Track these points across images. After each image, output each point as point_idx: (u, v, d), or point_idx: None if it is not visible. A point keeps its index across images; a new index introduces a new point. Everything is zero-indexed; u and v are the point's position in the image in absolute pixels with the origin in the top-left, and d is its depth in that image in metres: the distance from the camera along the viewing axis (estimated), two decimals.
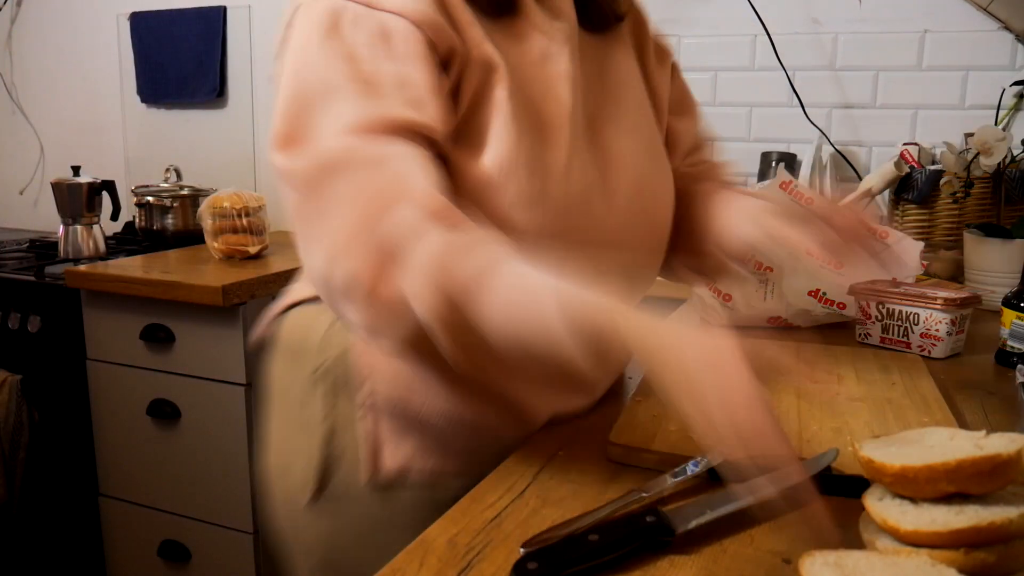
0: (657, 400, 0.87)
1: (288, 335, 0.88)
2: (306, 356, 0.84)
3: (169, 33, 2.44)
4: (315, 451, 0.82)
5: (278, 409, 0.89)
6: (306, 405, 0.84)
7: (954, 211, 1.59)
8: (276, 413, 0.90)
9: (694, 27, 1.96)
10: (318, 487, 0.82)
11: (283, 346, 0.88)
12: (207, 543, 1.83)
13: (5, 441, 1.92)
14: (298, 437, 0.85)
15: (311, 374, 0.83)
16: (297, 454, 0.84)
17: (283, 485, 0.87)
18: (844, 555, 0.51)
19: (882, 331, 1.14)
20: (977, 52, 1.74)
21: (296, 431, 0.85)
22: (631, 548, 0.59)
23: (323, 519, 0.83)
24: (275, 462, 0.89)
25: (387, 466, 0.80)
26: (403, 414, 0.80)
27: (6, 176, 2.83)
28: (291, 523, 0.87)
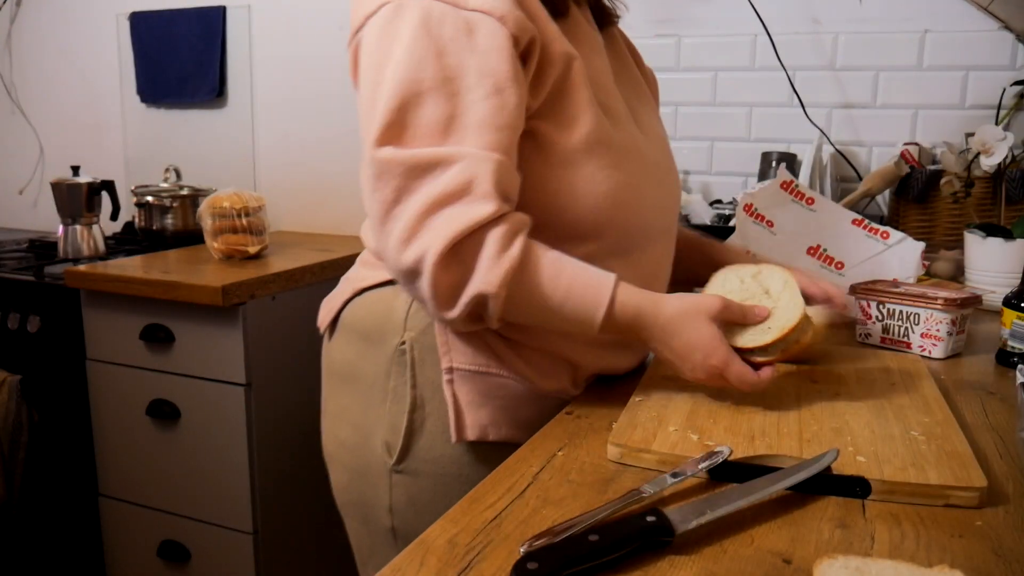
0: (657, 400, 0.87)
1: (364, 317, 0.97)
2: (388, 334, 0.94)
3: (169, 33, 2.44)
4: (402, 418, 0.92)
5: (351, 387, 0.98)
6: (391, 376, 0.93)
7: (954, 211, 1.59)
8: (348, 391, 0.98)
9: (694, 27, 1.96)
10: (404, 451, 0.92)
11: (357, 328, 0.97)
12: (207, 543, 1.83)
13: (5, 441, 1.92)
14: (379, 408, 0.94)
15: (395, 349, 0.93)
16: (378, 424, 0.94)
17: (362, 455, 0.96)
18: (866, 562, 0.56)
19: (883, 331, 1.14)
20: (977, 52, 1.74)
21: (377, 403, 0.94)
22: (631, 548, 0.59)
23: (408, 479, 0.93)
24: (350, 436, 0.98)
25: (469, 429, 0.91)
26: (479, 383, 0.91)
27: (6, 176, 2.83)
28: (372, 488, 0.96)
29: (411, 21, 0.79)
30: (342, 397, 1.00)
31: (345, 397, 0.99)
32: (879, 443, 0.76)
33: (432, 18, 0.79)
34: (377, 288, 0.97)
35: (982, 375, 1.04)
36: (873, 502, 0.68)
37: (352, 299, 0.99)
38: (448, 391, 0.91)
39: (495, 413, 0.92)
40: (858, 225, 1.31)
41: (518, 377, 0.91)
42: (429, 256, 0.77)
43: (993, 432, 0.84)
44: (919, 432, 0.78)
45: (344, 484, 1.01)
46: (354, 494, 0.99)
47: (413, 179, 0.78)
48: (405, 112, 0.79)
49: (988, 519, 0.65)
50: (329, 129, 2.31)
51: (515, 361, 0.91)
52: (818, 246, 1.27)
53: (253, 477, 1.75)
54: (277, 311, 1.79)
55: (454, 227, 0.77)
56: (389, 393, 0.94)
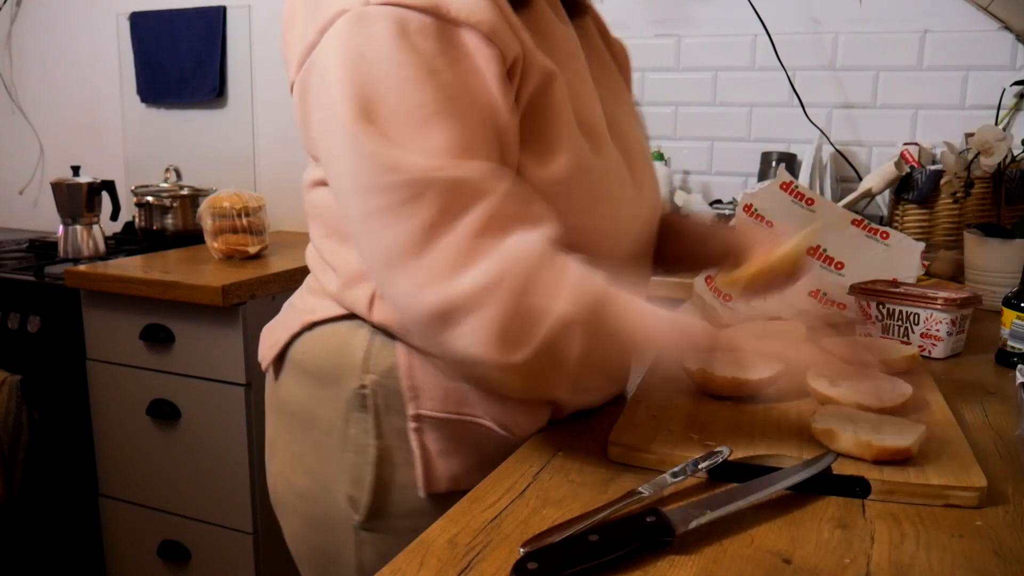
0: (657, 400, 0.87)
1: (315, 356, 0.86)
2: (345, 376, 0.83)
3: (169, 33, 2.44)
4: (367, 471, 0.82)
5: (304, 432, 0.87)
6: (351, 423, 0.83)
7: (954, 211, 1.59)
8: (301, 435, 0.88)
9: (694, 27, 1.96)
10: (372, 507, 0.83)
11: (308, 368, 0.86)
12: (207, 543, 1.83)
13: (5, 441, 1.92)
14: (338, 457, 0.84)
15: (353, 393, 0.82)
16: (339, 476, 0.84)
17: (321, 507, 0.86)
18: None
19: (882, 331, 1.14)
20: (977, 52, 1.74)
21: (336, 452, 0.84)
22: (631, 548, 0.59)
23: (378, 537, 0.84)
24: (306, 485, 0.87)
25: (440, 480, 0.82)
26: (450, 429, 0.82)
27: (6, 176, 2.83)
28: (335, 545, 0.86)
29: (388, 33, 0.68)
30: (293, 442, 0.89)
31: (296, 442, 0.88)
32: None
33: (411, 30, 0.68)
34: (330, 323, 0.85)
35: (982, 375, 1.04)
36: (873, 502, 0.68)
37: (300, 333, 0.87)
38: (416, 440, 0.81)
39: (467, 460, 0.82)
40: (858, 225, 1.31)
41: (493, 422, 0.81)
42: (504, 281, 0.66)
43: (993, 432, 0.84)
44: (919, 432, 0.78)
45: (301, 535, 0.91)
46: (313, 547, 0.90)
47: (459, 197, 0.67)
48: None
49: (988, 519, 0.65)
50: None
51: (490, 404, 0.81)
52: (818, 247, 1.27)
53: (253, 477, 1.75)
54: (277, 311, 1.79)
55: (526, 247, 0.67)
56: (349, 442, 0.83)
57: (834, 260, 1.27)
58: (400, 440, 0.82)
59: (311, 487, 0.87)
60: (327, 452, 0.85)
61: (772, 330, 1.07)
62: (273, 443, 0.94)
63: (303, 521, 0.89)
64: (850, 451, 0.72)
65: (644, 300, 0.73)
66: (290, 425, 0.89)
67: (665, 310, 0.73)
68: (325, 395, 0.84)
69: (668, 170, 1.92)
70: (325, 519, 0.86)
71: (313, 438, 0.86)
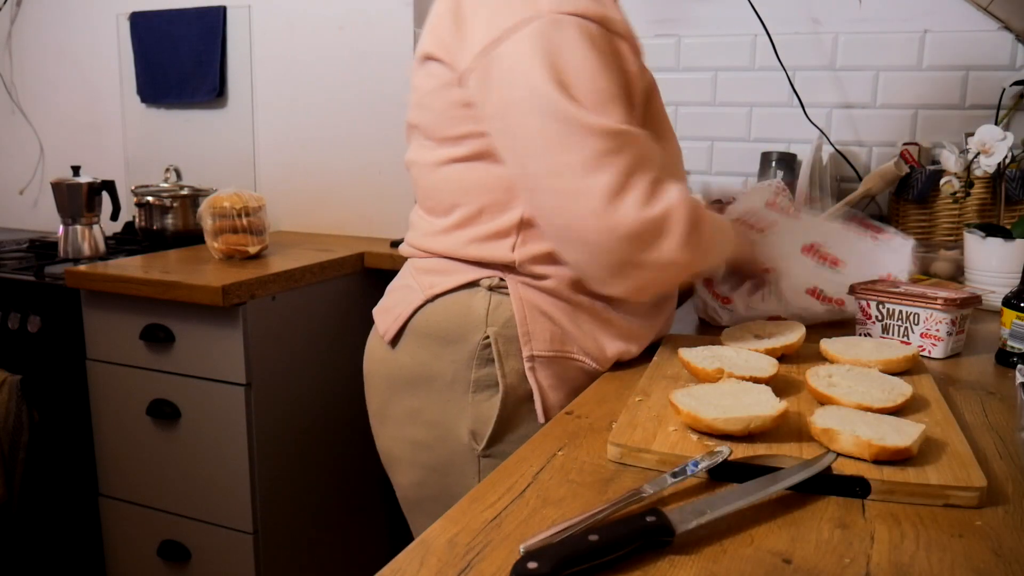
0: (657, 400, 0.87)
1: (440, 321, 1.04)
2: (469, 332, 1.02)
3: (169, 33, 2.44)
4: (492, 405, 1.01)
5: (424, 389, 1.05)
6: (473, 369, 1.02)
7: (954, 211, 1.59)
8: (420, 393, 1.06)
9: (694, 27, 1.96)
10: (494, 436, 1.02)
11: (432, 332, 1.05)
12: (207, 543, 1.83)
13: (5, 441, 1.92)
14: (461, 401, 1.03)
15: (476, 345, 1.02)
16: (461, 416, 1.03)
17: (442, 449, 1.04)
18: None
19: (882, 331, 1.14)
20: (977, 52, 1.74)
21: (459, 397, 1.03)
22: (631, 548, 0.59)
23: (495, 460, 1.00)
24: (425, 435, 1.06)
25: (553, 407, 1.02)
26: (555, 367, 1.02)
27: (6, 176, 2.83)
28: (456, 479, 1.04)
29: (580, 36, 0.92)
30: (410, 400, 1.07)
31: (415, 400, 1.07)
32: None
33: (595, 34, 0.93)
34: (451, 293, 1.04)
35: (982, 375, 1.04)
36: (873, 502, 0.68)
37: (423, 306, 1.05)
38: (531, 377, 1.01)
39: (568, 394, 1.02)
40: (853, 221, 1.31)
41: (586, 357, 1.03)
42: (677, 207, 0.91)
43: (993, 432, 0.84)
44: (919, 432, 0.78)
45: (418, 481, 1.08)
46: (431, 488, 1.07)
47: (643, 151, 0.92)
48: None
49: (988, 519, 0.65)
50: (329, 129, 2.30)
51: (583, 342, 1.03)
52: (814, 244, 1.27)
53: (253, 477, 1.75)
54: (277, 311, 1.79)
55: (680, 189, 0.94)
56: (471, 385, 1.02)
57: (830, 257, 1.27)
58: (519, 378, 1.02)
59: (430, 435, 1.05)
60: (450, 400, 1.04)
61: (771, 328, 1.08)
62: (382, 410, 1.12)
63: (422, 468, 1.07)
64: (850, 451, 0.72)
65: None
66: (405, 387, 1.07)
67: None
68: (450, 351, 1.03)
69: None
70: (445, 459, 1.04)
71: (433, 392, 1.05)
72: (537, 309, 1.02)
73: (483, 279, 1.03)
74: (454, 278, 1.04)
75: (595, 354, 1.04)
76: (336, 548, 1.99)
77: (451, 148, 1.02)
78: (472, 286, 1.04)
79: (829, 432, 0.74)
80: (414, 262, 1.12)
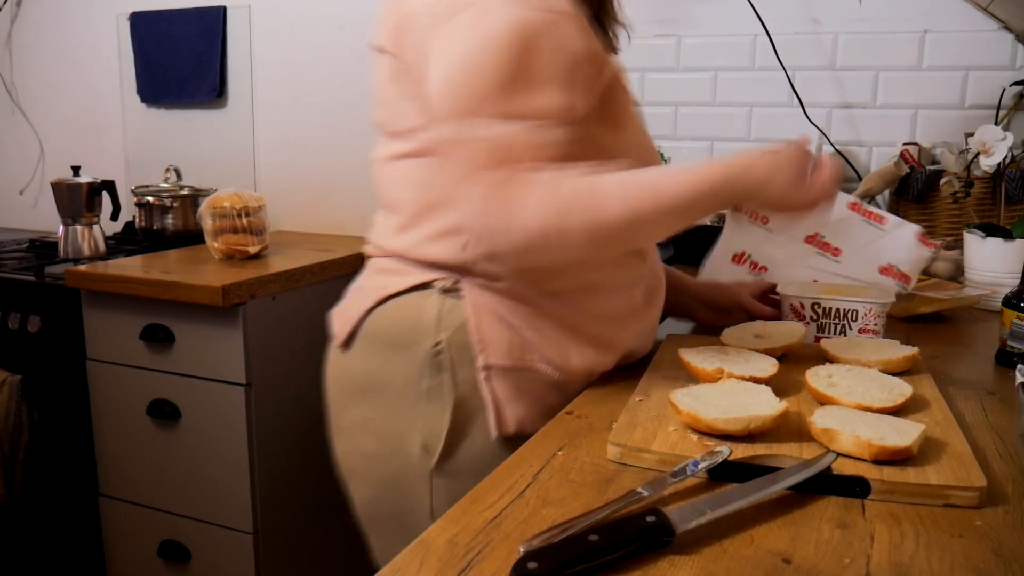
0: (657, 400, 0.87)
1: (390, 325, 0.98)
2: (420, 337, 0.95)
3: (169, 33, 2.44)
4: (443, 418, 0.94)
5: (375, 397, 0.98)
6: (424, 378, 0.95)
7: (954, 211, 1.59)
8: (371, 401, 0.98)
9: (694, 27, 1.96)
10: (446, 451, 0.94)
11: (382, 336, 0.98)
12: (207, 543, 1.83)
13: (5, 441, 1.92)
14: (412, 412, 0.95)
15: (428, 352, 0.95)
16: (412, 428, 0.95)
17: (394, 463, 0.97)
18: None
19: (817, 331, 1.12)
20: (977, 52, 1.74)
21: (409, 407, 0.96)
22: (631, 548, 0.59)
23: (448, 481, 0.94)
24: (377, 447, 0.98)
25: (509, 421, 0.94)
26: (514, 378, 0.94)
27: (6, 176, 2.83)
28: (409, 495, 0.97)
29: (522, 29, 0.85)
30: (362, 409, 1.00)
31: (366, 409, 0.99)
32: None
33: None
34: (402, 295, 0.97)
35: (982, 375, 1.04)
36: (873, 502, 0.68)
37: (373, 308, 0.99)
38: (486, 388, 0.94)
39: (529, 407, 0.95)
40: (855, 210, 1.29)
41: (548, 366, 0.95)
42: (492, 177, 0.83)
43: (993, 432, 0.84)
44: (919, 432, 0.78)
45: (372, 497, 1.01)
46: (386, 505, 0.99)
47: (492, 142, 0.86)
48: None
49: (988, 519, 0.65)
50: (329, 129, 2.30)
51: (545, 350, 0.95)
52: (815, 234, 1.27)
53: (253, 477, 1.75)
54: (277, 311, 1.79)
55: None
56: (422, 395, 0.95)
57: (831, 247, 1.27)
58: (472, 389, 0.94)
59: (382, 447, 0.98)
60: (400, 410, 0.96)
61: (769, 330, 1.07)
62: (337, 419, 1.04)
63: (375, 484, 0.99)
64: (850, 451, 0.72)
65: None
66: (357, 395, 1.00)
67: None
68: (400, 358, 0.96)
69: None
70: (398, 474, 0.97)
71: (384, 401, 0.97)
72: (494, 314, 0.94)
73: (436, 281, 0.96)
74: (406, 279, 0.98)
75: (559, 363, 0.96)
76: (336, 548, 1.99)
77: (401, 143, 0.98)
78: (424, 288, 0.97)
79: (829, 432, 0.74)
80: (371, 262, 1.06)
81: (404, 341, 0.96)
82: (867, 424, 0.75)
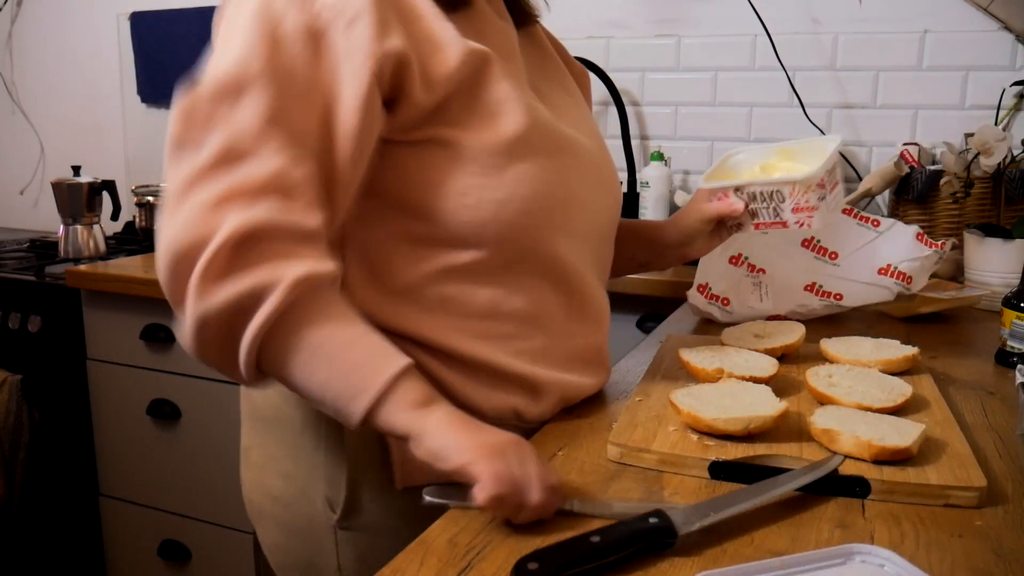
0: (657, 400, 0.87)
1: None
2: None
3: (169, 33, 2.44)
4: (341, 468, 0.83)
5: (278, 433, 0.87)
6: (322, 422, 0.83)
7: (954, 211, 1.59)
8: (275, 438, 0.88)
9: (694, 27, 1.96)
10: (348, 505, 0.83)
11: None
12: (207, 543, 1.83)
13: (5, 441, 1.92)
14: (312, 458, 0.84)
15: None
16: (314, 476, 0.84)
17: (299, 510, 0.86)
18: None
19: (752, 217, 1.01)
20: (977, 52, 1.74)
21: (310, 452, 0.84)
22: (633, 550, 0.59)
23: (355, 536, 0.84)
24: (283, 489, 0.87)
25: (415, 471, 0.79)
26: None
27: (6, 176, 2.83)
28: (315, 548, 0.86)
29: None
30: (268, 445, 0.89)
31: (271, 445, 0.88)
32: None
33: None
34: None
35: (982, 375, 1.04)
36: (873, 502, 0.68)
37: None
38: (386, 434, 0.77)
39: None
40: (848, 215, 1.30)
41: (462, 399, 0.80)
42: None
43: (993, 432, 0.84)
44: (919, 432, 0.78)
45: (280, 545, 0.90)
46: (293, 556, 0.89)
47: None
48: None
49: (988, 519, 0.65)
50: None
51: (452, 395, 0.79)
52: (812, 238, 1.27)
53: None
54: None
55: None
56: (322, 440, 0.84)
57: (827, 251, 1.27)
58: (371, 434, 0.80)
59: (287, 491, 0.87)
60: (301, 452, 0.85)
61: (771, 328, 1.08)
62: (247, 451, 0.93)
63: (281, 528, 0.89)
64: (850, 451, 0.72)
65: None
66: (263, 429, 0.89)
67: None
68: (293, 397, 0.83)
69: (668, 170, 1.92)
70: (303, 523, 0.86)
71: (288, 440, 0.86)
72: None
73: None
74: None
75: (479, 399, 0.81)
76: None
77: None
78: None
79: (829, 433, 0.74)
80: None
81: None
82: (867, 424, 0.75)
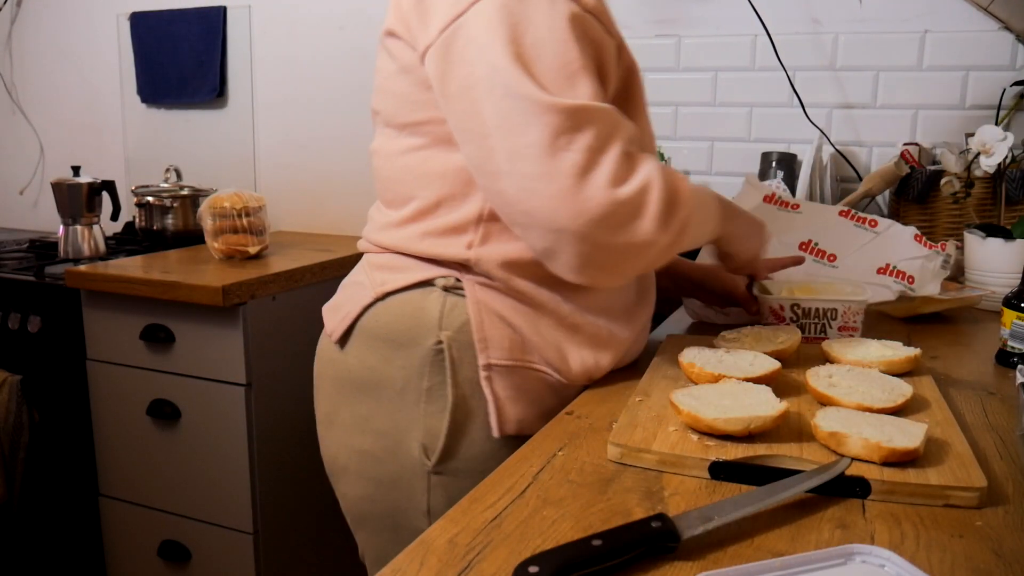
0: (657, 400, 0.87)
1: (390, 322, 0.96)
2: (421, 335, 0.94)
3: (169, 33, 2.44)
4: (442, 418, 0.93)
5: (373, 394, 0.97)
6: (425, 377, 0.94)
7: (954, 211, 1.59)
8: (369, 399, 0.97)
9: (694, 27, 1.96)
10: (445, 452, 0.94)
11: (382, 333, 0.97)
12: (207, 543, 1.83)
13: (5, 441, 1.92)
14: (412, 411, 0.95)
15: (429, 350, 0.94)
16: (412, 427, 0.95)
17: (391, 462, 0.96)
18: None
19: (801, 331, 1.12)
20: (977, 52, 1.74)
21: (410, 406, 0.95)
22: (635, 554, 0.58)
23: (447, 480, 0.94)
24: (373, 445, 0.97)
25: (509, 423, 0.94)
26: (514, 377, 0.94)
27: (6, 176, 2.83)
28: (406, 494, 0.96)
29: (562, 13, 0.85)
30: (359, 406, 0.99)
31: (364, 406, 0.98)
32: None
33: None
34: (403, 292, 0.96)
35: (982, 375, 1.04)
36: (873, 502, 0.68)
37: (372, 304, 0.98)
38: (487, 387, 0.93)
39: (529, 407, 0.95)
40: (846, 216, 1.31)
41: (548, 367, 0.95)
42: (652, 183, 0.83)
43: (993, 432, 0.84)
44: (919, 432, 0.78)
45: (366, 495, 0.99)
46: (380, 504, 0.98)
47: (608, 127, 0.83)
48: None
49: (988, 519, 0.65)
50: (329, 129, 2.31)
51: (545, 352, 0.95)
52: (809, 241, 1.28)
53: (253, 477, 1.75)
54: (277, 311, 1.79)
55: (654, 162, 0.86)
56: (423, 395, 0.94)
57: (826, 253, 1.28)
58: (473, 388, 0.93)
59: (379, 445, 0.97)
60: (399, 408, 0.95)
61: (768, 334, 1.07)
62: (330, 415, 1.03)
63: (370, 481, 0.98)
64: (859, 454, 0.72)
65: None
66: (354, 392, 0.99)
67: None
68: (400, 356, 0.95)
69: None
70: (395, 473, 0.96)
71: (382, 399, 0.96)
72: (495, 313, 0.94)
73: (438, 278, 0.95)
74: (406, 276, 0.96)
75: (557, 365, 0.96)
76: (336, 548, 1.99)
77: (411, 136, 0.95)
78: (426, 285, 0.95)
79: (837, 436, 0.74)
80: (368, 258, 1.04)
81: (405, 339, 0.95)
82: (871, 425, 0.75)
